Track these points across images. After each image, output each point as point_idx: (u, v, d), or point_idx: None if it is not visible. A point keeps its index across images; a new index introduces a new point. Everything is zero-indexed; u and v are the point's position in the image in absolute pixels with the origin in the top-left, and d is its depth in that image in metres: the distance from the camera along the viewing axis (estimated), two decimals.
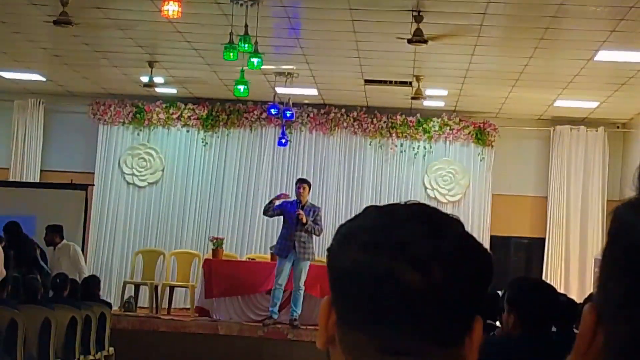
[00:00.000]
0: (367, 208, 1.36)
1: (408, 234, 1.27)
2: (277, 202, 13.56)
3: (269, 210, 13.61)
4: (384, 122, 17.57)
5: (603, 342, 1.03)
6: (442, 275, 1.25)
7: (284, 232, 13.46)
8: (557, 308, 4.79)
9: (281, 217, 13.64)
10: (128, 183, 17.94)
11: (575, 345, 1.07)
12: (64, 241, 13.90)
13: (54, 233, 13.82)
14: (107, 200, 17.83)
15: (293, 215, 13.30)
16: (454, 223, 1.33)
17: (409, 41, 11.66)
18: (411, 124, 17.54)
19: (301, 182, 13.81)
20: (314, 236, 13.33)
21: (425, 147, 17.62)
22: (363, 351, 1.28)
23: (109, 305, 13.06)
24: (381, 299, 1.25)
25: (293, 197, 13.81)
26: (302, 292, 13.31)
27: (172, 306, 15.49)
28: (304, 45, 13.39)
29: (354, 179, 17.68)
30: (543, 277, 16.83)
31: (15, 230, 13.07)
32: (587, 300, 5.51)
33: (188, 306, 15.56)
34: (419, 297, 1.24)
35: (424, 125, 17.54)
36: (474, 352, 1.32)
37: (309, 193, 13.73)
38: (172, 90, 17.23)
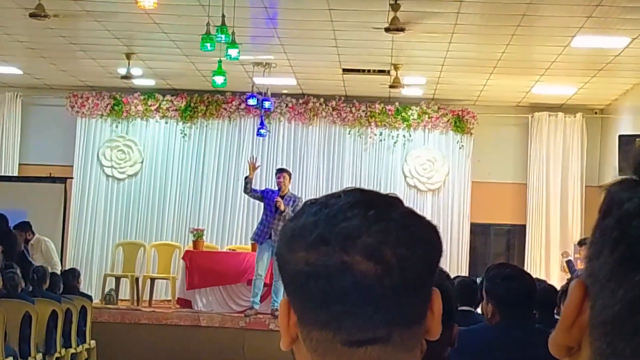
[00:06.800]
0: (305, 204, 1.35)
1: (354, 224, 1.26)
2: (252, 176, 13.68)
3: (248, 186, 13.67)
4: (363, 111, 17.57)
5: (589, 317, 1.04)
6: (395, 258, 1.25)
7: (263, 218, 13.59)
8: (533, 295, 4.81)
9: (262, 207, 13.73)
10: (107, 175, 17.87)
11: (560, 320, 1.08)
12: (36, 236, 13.67)
13: (25, 231, 13.49)
14: (86, 193, 17.76)
15: (272, 203, 13.34)
16: (395, 202, 1.33)
17: (387, 30, 11.66)
18: (390, 113, 17.54)
19: (281, 171, 13.85)
20: None
21: (404, 136, 17.63)
22: (329, 347, 1.28)
23: (90, 298, 13.03)
24: (340, 294, 1.25)
25: (274, 187, 13.87)
26: (282, 282, 13.29)
27: (154, 298, 15.48)
28: (281, 35, 13.37)
29: (333, 168, 17.68)
30: (525, 264, 16.90)
31: (3, 225, 12.86)
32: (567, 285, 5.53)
33: (169, 298, 15.54)
34: (377, 284, 1.25)
35: (403, 114, 17.55)
36: (437, 323, 1.33)
37: (289, 182, 13.76)
38: (150, 82, 17.18)
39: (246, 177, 13.81)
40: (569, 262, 14.19)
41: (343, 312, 1.26)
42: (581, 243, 14.03)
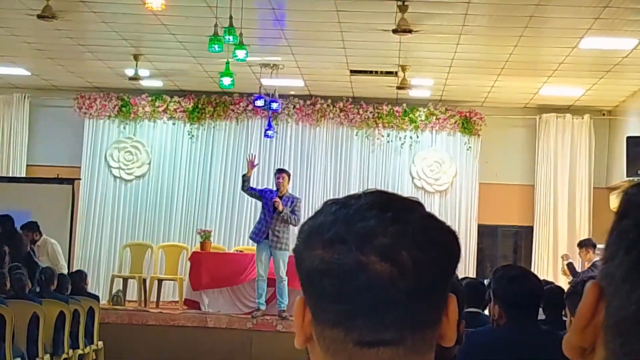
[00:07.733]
0: (325, 204, 1.35)
1: (371, 224, 1.27)
2: (250, 174, 13.68)
3: (245, 184, 13.66)
4: (370, 112, 17.55)
5: (604, 318, 1.03)
6: (410, 261, 1.25)
7: (261, 217, 13.63)
8: (539, 297, 4.80)
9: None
10: (115, 177, 17.89)
11: (575, 321, 1.08)
12: (43, 237, 13.60)
13: (33, 231, 13.40)
14: (94, 194, 17.78)
15: (270, 203, 13.36)
16: (415, 206, 1.33)
17: (394, 31, 11.66)
18: (397, 114, 17.53)
19: (280, 172, 13.87)
20: (290, 226, 13.36)
21: (411, 137, 17.62)
22: (341, 346, 1.28)
23: (97, 299, 13.02)
24: (353, 293, 1.25)
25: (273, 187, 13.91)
26: (285, 282, 13.33)
27: (161, 299, 15.47)
28: (289, 36, 13.37)
29: (340, 169, 17.67)
30: (532, 266, 16.88)
31: (9, 225, 12.83)
32: (581, 285, 5.52)
33: (177, 299, 15.55)
34: (391, 286, 1.24)
35: (410, 115, 17.54)
36: (452, 329, 1.33)
37: (288, 183, 13.78)
38: (158, 83, 17.19)
39: (244, 175, 13.83)
40: (569, 265, 14.16)
41: (355, 312, 1.26)
42: (581, 245, 14.05)
